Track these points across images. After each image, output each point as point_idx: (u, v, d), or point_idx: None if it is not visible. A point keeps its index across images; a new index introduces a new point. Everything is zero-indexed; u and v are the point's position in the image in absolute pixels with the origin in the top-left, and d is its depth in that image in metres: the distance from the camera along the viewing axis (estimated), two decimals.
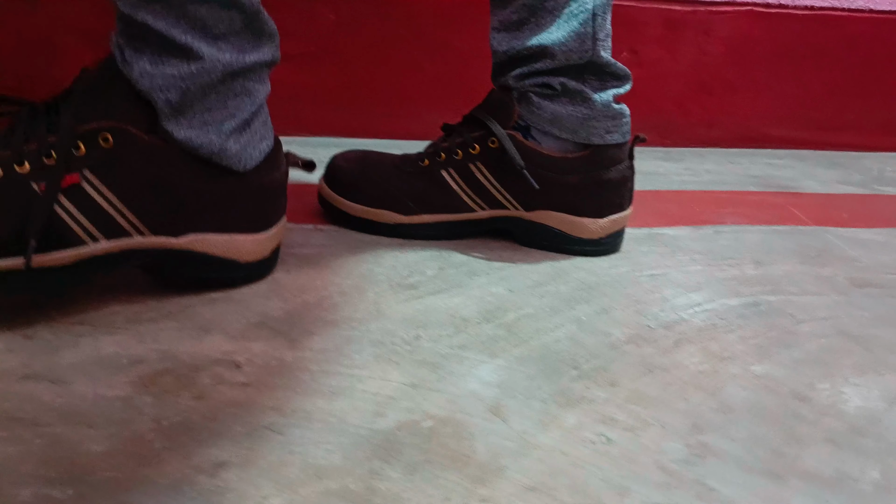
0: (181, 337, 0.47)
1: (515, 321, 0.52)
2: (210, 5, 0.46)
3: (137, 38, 0.46)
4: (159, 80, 0.46)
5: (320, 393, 0.42)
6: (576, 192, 0.62)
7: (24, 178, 0.44)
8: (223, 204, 0.51)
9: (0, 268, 0.43)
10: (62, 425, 0.38)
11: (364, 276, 0.57)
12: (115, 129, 0.46)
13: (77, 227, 0.46)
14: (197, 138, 0.48)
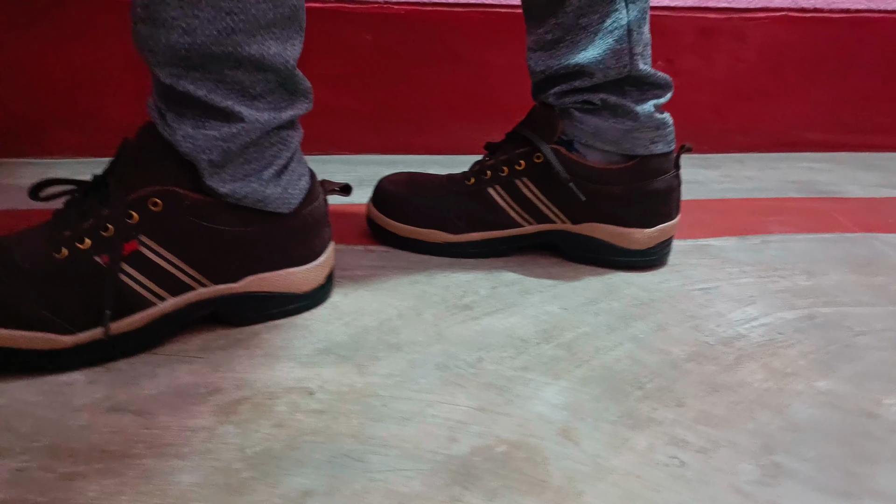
0: (253, 364, 0.49)
1: (574, 341, 0.52)
2: (246, 69, 0.48)
3: (179, 104, 0.48)
4: (201, 142, 0.48)
5: (393, 419, 0.43)
6: (622, 203, 0.63)
7: (87, 253, 0.46)
8: (273, 244, 0.53)
9: (82, 341, 0.46)
10: (152, 457, 0.40)
11: (419, 297, 0.58)
12: (163, 193, 0.48)
13: (144, 291, 0.48)
14: (240, 190, 0.50)
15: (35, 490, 0.37)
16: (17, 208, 0.75)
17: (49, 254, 0.46)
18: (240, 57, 0.47)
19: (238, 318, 0.53)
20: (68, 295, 0.46)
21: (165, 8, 0.45)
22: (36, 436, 0.41)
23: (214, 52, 0.46)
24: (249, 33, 0.47)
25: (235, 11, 0.46)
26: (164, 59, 0.46)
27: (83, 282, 0.46)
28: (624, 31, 0.59)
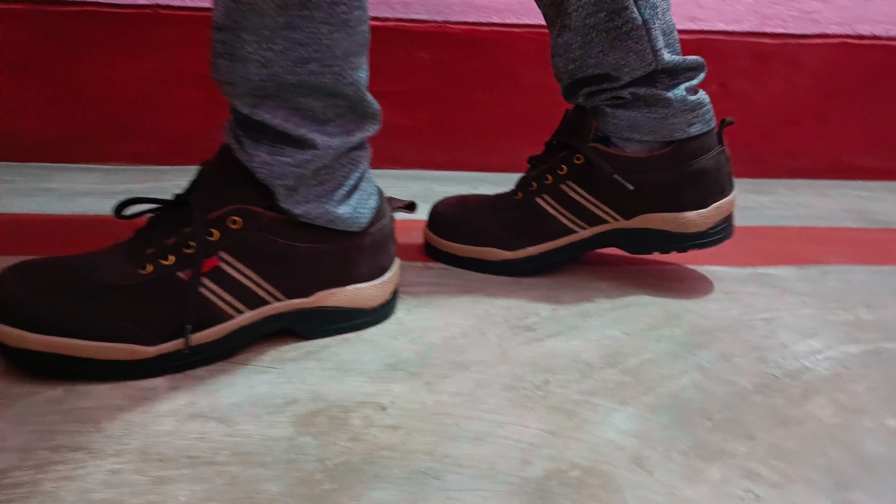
0: (325, 377, 0.50)
1: (638, 367, 0.53)
2: (318, 96, 0.49)
3: (255, 131, 0.50)
4: (277, 168, 0.49)
5: (465, 438, 0.44)
6: (671, 189, 0.62)
7: (170, 269, 0.48)
8: (344, 261, 0.54)
9: (163, 351, 0.48)
10: (237, 465, 0.41)
11: (481, 316, 0.59)
12: (241, 211, 0.50)
13: (223, 304, 0.50)
14: (313, 210, 0.52)
15: (129, 492, 0.38)
16: (85, 213, 0.78)
17: (134, 270, 0.48)
18: (313, 85, 0.49)
19: (309, 331, 0.54)
20: (152, 309, 0.48)
21: (243, 44, 0.47)
22: (125, 438, 0.43)
23: (289, 82, 0.48)
24: (323, 62, 0.48)
25: (309, 42, 0.47)
26: (241, 90, 0.48)
27: (166, 296, 0.48)
28: (641, 31, 0.59)
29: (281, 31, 0.46)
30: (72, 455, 0.41)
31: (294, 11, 0.46)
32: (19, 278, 0.47)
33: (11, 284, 0.47)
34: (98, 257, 0.49)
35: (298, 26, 0.47)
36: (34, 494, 0.38)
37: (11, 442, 0.42)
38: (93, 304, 0.47)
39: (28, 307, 0.46)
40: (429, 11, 0.89)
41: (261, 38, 0.47)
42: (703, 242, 0.63)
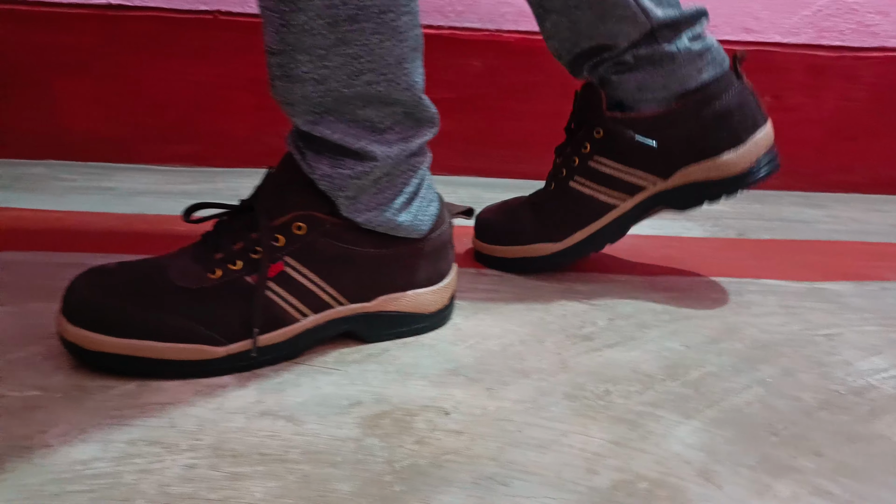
0: (387, 380, 0.50)
1: (700, 380, 0.53)
2: (374, 106, 0.50)
3: (316, 145, 0.50)
4: (338, 180, 0.50)
5: (529, 445, 0.44)
6: (700, 136, 0.60)
7: (238, 273, 0.50)
8: (405, 266, 0.55)
9: (231, 351, 0.49)
10: (308, 463, 0.42)
11: (537, 324, 0.59)
12: (305, 217, 0.51)
13: (289, 307, 0.51)
14: (374, 219, 0.52)
15: (205, 487, 0.39)
16: (143, 212, 0.80)
17: (204, 274, 0.49)
18: (369, 95, 0.49)
19: (369, 335, 0.55)
20: (221, 311, 0.49)
21: (298, 65, 0.47)
22: (198, 434, 0.44)
23: (345, 95, 0.49)
24: (377, 72, 0.49)
25: (361, 55, 0.48)
26: (301, 109, 0.49)
27: (235, 299, 0.49)
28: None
29: (333, 47, 0.47)
30: (148, 449, 0.42)
31: (344, 27, 0.47)
32: (94, 283, 0.49)
33: (87, 289, 0.48)
34: (168, 261, 0.51)
35: (350, 40, 0.47)
36: (116, 486, 0.39)
37: (91, 433, 0.43)
38: (166, 308, 0.48)
39: (103, 311, 0.47)
40: (482, 20, 0.90)
41: (314, 56, 0.47)
42: (750, 180, 0.61)
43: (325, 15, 0.46)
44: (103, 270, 0.50)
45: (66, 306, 0.48)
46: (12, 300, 0.58)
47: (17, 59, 0.88)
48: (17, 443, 0.42)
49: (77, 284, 0.49)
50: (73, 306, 0.48)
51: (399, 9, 0.48)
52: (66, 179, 0.89)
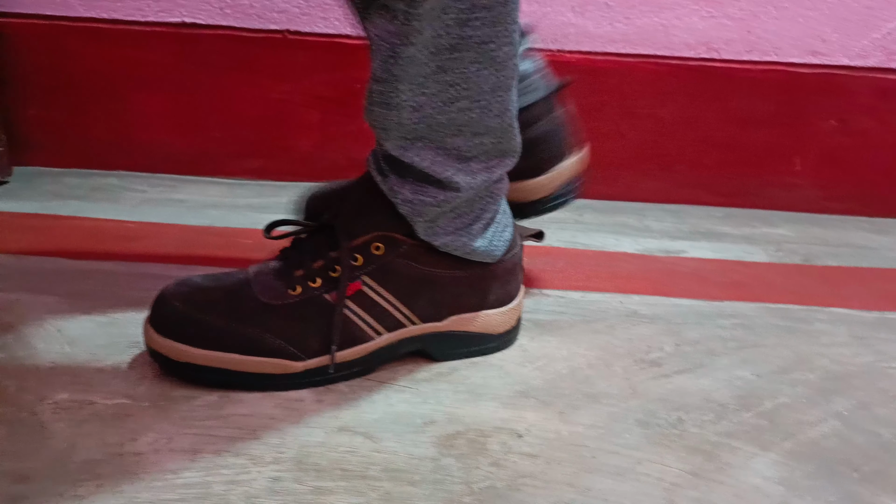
0: (458, 400, 0.51)
1: (774, 411, 0.52)
2: (465, 135, 0.50)
3: (402, 169, 0.51)
4: (419, 207, 0.51)
5: (605, 472, 0.44)
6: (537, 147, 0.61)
7: (318, 291, 0.51)
8: (477, 288, 0.56)
9: (310, 367, 0.51)
10: (388, 481, 0.42)
11: (604, 347, 0.59)
12: (384, 238, 0.52)
13: (365, 326, 0.52)
14: (452, 243, 0.53)
15: (292, 500, 0.40)
16: (213, 224, 0.82)
17: (285, 290, 0.51)
18: (461, 122, 0.50)
19: (440, 353, 0.56)
20: (301, 327, 0.50)
21: (398, 94, 0.48)
22: (281, 447, 0.45)
23: (438, 121, 0.49)
24: (472, 99, 0.49)
25: (458, 82, 0.48)
26: (394, 134, 0.49)
27: (314, 316, 0.51)
28: None
29: (433, 75, 0.48)
30: (234, 460, 0.44)
31: (445, 56, 0.47)
32: (182, 295, 0.51)
33: (175, 301, 0.50)
34: (250, 275, 0.52)
35: (449, 68, 0.48)
36: (206, 496, 0.40)
37: (179, 443, 0.45)
38: (249, 322, 0.50)
39: (191, 323, 0.49)
40: (544, 41, 0.90)
41: (414, 84, 0.48)
42: (548, 207, 0.64)
43: (430, 45, 0.47)
44: (190, 283, 0.52)
45: (155, 317, 0.50)
46: (97, 309, 0.61)
47: (96, 72, 0.92)
48: (110, 450, 0.44)
49: (165, 296, 0.51)
50: (161, 317, 0.50)
51: (500, 40, 0.48)
52: (137, 190, 0.92)
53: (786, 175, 0.96)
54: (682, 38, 0.90)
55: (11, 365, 0.52)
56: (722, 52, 0.91)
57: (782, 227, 0.93)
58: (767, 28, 0.90)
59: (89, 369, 0.52)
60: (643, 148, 0.94)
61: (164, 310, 0.50)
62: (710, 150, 0.95)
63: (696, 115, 0.93)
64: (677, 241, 0.86)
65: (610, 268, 0.77)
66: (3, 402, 0.48)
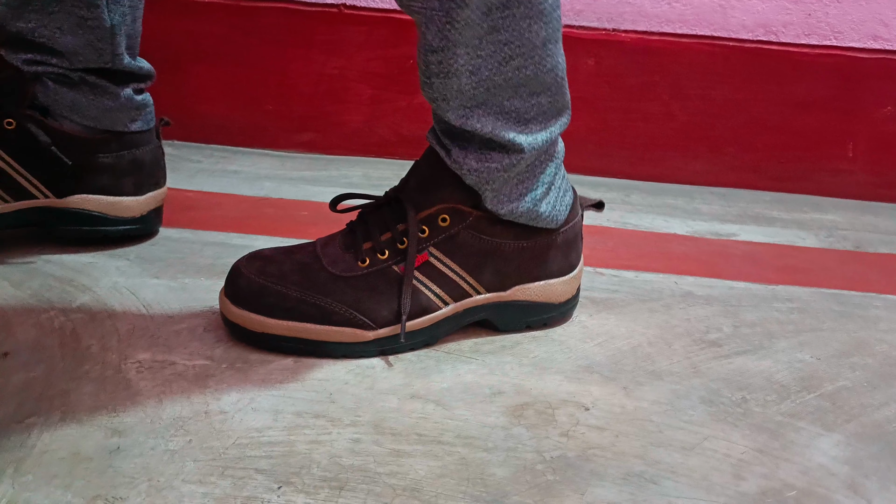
0: (524, 372, 0.52)
1: (835, 393, 0.52)
2: (521, 96, 0.51)
3: (464, 139, 0.52)
4: (485, 174, 0.52)
5: (673, 447, 0.45)
6: (107, 172, 0.64)
7: (386, 263, 0.52)
8: (540, 257, 0.56)
9: (380, 335, 0.52)
10: (463, 447, 0.44)
11: (662, 326, 0.60)
12: (450, 210, 0.53)
13: (432, 296, 0.53)
14: (517, 209, 0.54)
15: (373, 461, 0.42)
16: (268, 196, 0.84)
17: (355, 263, 0.52)
18: (517, 81, 0.50)
19: (502, 323, 0.57)
20: (371, 298, 0.52)
21: (456, 59, 0.49)
22: (357, 411, 0.46)
23: (496, 82, 0.50)
24: (525, 56, 0.50)
25: (511, 40, 0.49)
26: (455, 103, 0.50)
27: (384, 287, 0.52)
28: (107, 33, 0.62)
29: (487, 35, 0.49)
30: (314, 421, 0.45)
31: (497, 14, 0.48)
32: (256, 268, 0.52)
33: (250, 274, 0.52)
34: (320, 248, 0.54)
35: (501, 27, 0.49)
36: (291, 454, 0.42)
37: (260, 403, 0.47)
38: (322, 293, 0.51)
39: (267, 295, 0.51)
40: (600, 19, 0.90)
41: (470, 48, 0.49)
42: (136, 229, 0.67)
43: (483, 6, 0.48)
44: (262, 255, 0.53)
45: (230, 289, 0.52)
46: (166, 274, 0.63)
47: (155, 43, 0.93)
48: (196, 407, 0.46)
49: (239, 269, 0.52)
50: (237, 289, 0.52)
51: None
52: (192, 160, 0.94)
53: (838, 161, 0.95)
54: (740, 20, 0.89)
55: (92, 325, 0.54)
56: (780, 35, 0.90)
57: (832, 213, 0.93)
58: (829, 12, 0.89)
59: (167, 332, 0.54)
60: (693, 129, 0.94)
61: (240, 282, 0.52)
62: (762, 133, 0.94)
63: (749, 97, 0.92)
64: (727, 224, 0.86)
65: (661, 248, 0.78)
66: (88, 360, 0.50)
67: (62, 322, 0.54)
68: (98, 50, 0.62)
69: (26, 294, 0.58)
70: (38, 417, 0.44)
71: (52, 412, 0.44)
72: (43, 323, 0.54)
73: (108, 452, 0.41)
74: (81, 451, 0.41)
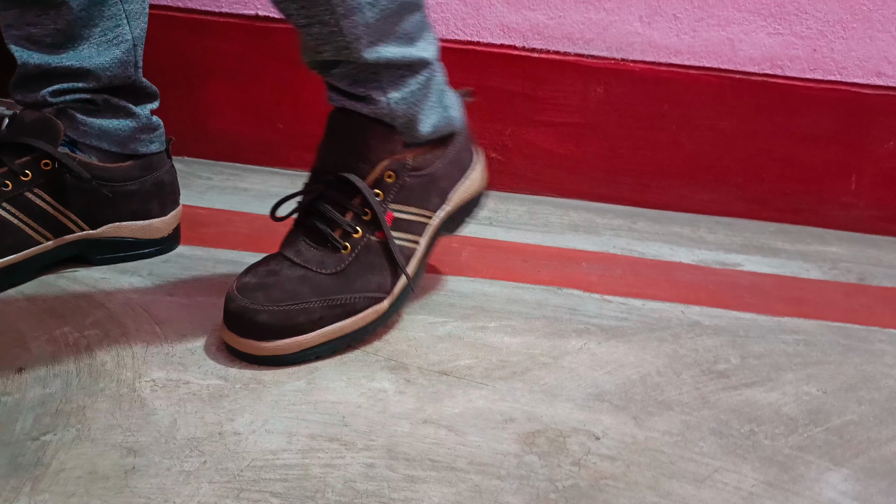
0: (534, 399, 0.53)
1: (843, 427, 0.53)
2: (406, 19, 0.54)
3: (376, 79, 0.55)
4: (411, 98, 0.56)
5: (685, 478, 0.46)
6: (141, 198, 0.66)
7: (364, 238, 0.55)
8: (461, 159, 0.64)
9: (394, 297, 0.57)
10: (476, 474, 0.44)
11: (671, 356, 0.61)
12: (392, 164, 0.56)
13: (411, 244, 0.59)
14: (438, 122, 0.59)
15: (387, 486, 0.42)
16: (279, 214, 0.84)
17: (339, 253, 0.55)
18: (401, 4, 0.53)
19: (450, 228, 0.64)
20: (373, 273, 0.56)
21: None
22: (371, 435, 0.47)
23: (391, 9, 0.52)
24: None
25: None
26: (366, 40, 0.52)
27: (376, 260, 0.56)
28: (130, 45, 0.64)
29: None
30: (328, 444, 0.45)
31: None
32: (263, 299, 0.52)
33: (265, 306, 0.52)
34: (296, 257, 0.55)
35: None
36: (306, 477, 0.42)
37: (275, 425, 0.47)
38: (335, 292, 0.54)
39: (294, 316, 0.52)
40: (609, 49, 0.91)
41: None
42: (167, 247, 0.70)
43: None
44: (254, 286, 0.53)
45: (249, 329, 0.52)
46: (179, 291, 0.63)
47: (168, 60, 0.94)
48: (210, 428, 0.46)
49: (247, 309, 0.52)
50: (260, 326, 0.52)
51: None
52: (203, 177, 0.94)
53: (842, 194, 0.96)
54: (747, 53, 0.91)
55: (106, 341, 0.55)
56: (786, 69, 0.91)
57: (836, 246, 0.93)
58: (834, 47, 0.90)
59: (180, 350, 0.54)
60: (700, 159, 0.95)
61: (261, 318, 0.52)
62: (768, 164, 0.95)
63: (756, 129, 0.93)
64: (732, 254, 0.87)
65: (668, 277, 0.78)
66: (103, 377, 0.50)
67: (76, 338, 0.54)
68: (123, 64, 0.64)
69: (40, 308, 0.58)
70: (53, 434, 0.44)
71: (68, 429, 0.45)
72: (57, 338, 0.54)
73: (124, 472, 0.42)
74: (98, 469, 0.41)
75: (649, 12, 0.90)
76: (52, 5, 0.60)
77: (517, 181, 0.98)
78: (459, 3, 0.91)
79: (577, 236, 0.87)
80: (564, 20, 0.91)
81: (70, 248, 0.64)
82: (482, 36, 0.92)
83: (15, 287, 0.61)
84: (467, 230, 0.84)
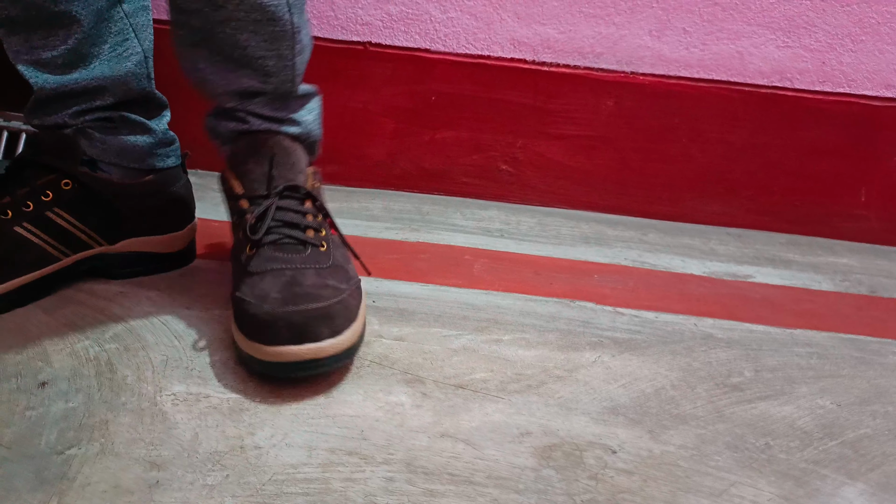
0: (550, 413, 0.53)
1: (857, 441, 0.53)
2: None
3: (295, 106, 0.65)
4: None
5: (702, 493, 0.46)
6: (156, 213, 0.67)
7: (327, 235, 0.61)
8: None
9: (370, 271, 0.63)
10: (494, 488, 0.45)
11: (685, 369, 0.61)
12: (312, 173, 0.65)
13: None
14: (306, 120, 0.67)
15: (407, 500, 0.43)
16: None
17: (318, 250, 0.58)
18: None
19: None
20: (348, 264, 0.60)
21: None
22: (389, 449, 0.47)
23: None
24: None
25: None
26: (300, 75, 0.64)
27: (341, 251, 0.61)
28: (141, 58, 0.66)
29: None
30: (348, 458, 0.46)
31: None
32: (282, 301, 0.52)
33: (284, 309, 0.51)
34: (295, 261, 0.56)
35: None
36: (327, 492, 0.43)
37: (295, 438, 0.47)
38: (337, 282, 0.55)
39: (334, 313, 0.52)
40: (619, 62, 0.92)
41: None
42: (182, 260, 0.71)
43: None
44: (287, 295, 0.53)
45: (280, 334, 0.50)
46: (198, 305, 0.64)
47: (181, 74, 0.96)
48: (231, 442, 0.47)
49: (267, 313, 0.51)
50: (291, 329, 0.50)
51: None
52: (217, 190, 0.95)
53: (852, 206, 0.96)
54: (756, 66, 0.91)
55: (126, 355, 0.55)
56: (795, 81, 0.92)
57: (847, 257, 0.94)
58: (843, 60, 0.91)
59: (200, 363, 0.55)
60: (710, 171, 0.96)
61: (321, 318, 0.51)
62: (778, 176, 0.96)
63: (766, 141, 0.94)
64: (743, 266, 0.87)
65: (680, 289, 0.79)
66: (125, 391, 0.51)
67: (97, 352, 0.55)
68: (137, 76, 0.65)
69: (60, 322, 0.59)
70: (78, 448, 0.45)
71: (92, 443, 0.45)
72: (78, 352, 0.55)
73: (149, 486, 0.42)
74: (122, 484, 0.42)
75: (659, 26, 0.91)
76: (59, 26, 0.60)
77: (528, 193, 0.98)
78: (470, 18, 0.92)
79: (589, 248, 0.87)
80: (575, 34, 0.92)
81: (88, 263, 0.65)
82: (493, 50, 0.93)
83: (35, 302, 0.62)
84: (479, 242, 0.85)
